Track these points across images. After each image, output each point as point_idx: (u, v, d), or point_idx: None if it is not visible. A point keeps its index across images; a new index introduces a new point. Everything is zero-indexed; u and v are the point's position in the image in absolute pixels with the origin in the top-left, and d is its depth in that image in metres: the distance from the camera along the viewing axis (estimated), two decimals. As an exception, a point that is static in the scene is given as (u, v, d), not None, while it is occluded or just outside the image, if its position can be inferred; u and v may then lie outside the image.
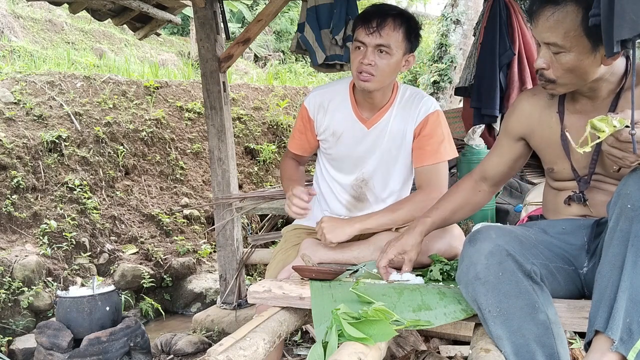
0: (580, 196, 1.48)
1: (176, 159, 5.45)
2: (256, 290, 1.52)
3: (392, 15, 1.72)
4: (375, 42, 1.71)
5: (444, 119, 1.88)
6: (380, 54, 1.73)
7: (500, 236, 1.30)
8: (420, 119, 1.84)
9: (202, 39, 3.43)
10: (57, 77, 5.33)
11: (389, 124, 1.87)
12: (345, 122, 1.89)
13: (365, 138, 1.88)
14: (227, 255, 3.67)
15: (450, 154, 1.87)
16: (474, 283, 1.27)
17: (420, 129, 1.85)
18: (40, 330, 2.82)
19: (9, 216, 4.11)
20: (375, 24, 1.71)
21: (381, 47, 1.72)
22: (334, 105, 1.91)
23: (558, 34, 1.31)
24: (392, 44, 1.72)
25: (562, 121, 1.49)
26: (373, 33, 1.71)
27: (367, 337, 1.16)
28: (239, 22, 11.23)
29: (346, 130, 1.89)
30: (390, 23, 1.72)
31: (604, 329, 1.14)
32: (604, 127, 1.12)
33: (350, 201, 1.96)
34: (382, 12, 1.73)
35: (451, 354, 2.44)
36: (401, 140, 1.87)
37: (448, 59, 9.02)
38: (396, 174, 1.92)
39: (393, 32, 1.72)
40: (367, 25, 1.71)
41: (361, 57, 1.74)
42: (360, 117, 1.88)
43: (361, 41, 1.73)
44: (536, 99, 1.57)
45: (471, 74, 3.66)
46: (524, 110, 1.59)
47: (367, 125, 1.88)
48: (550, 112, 1.53)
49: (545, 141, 1.55)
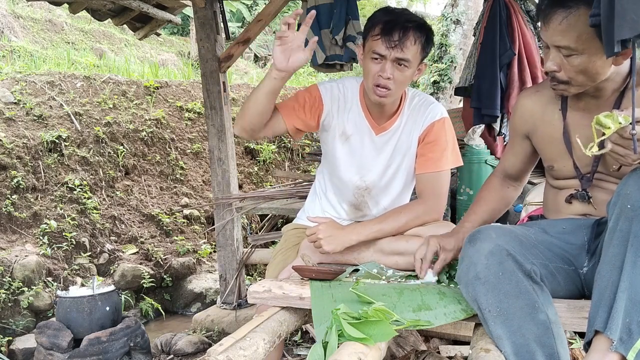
0: (583, 194, 1.48)
1: (176, 159, 5.45)
2: (256, 290, 1.52)
3: (413, 28, 1.65)
4: (395, 56, 1.65)
5: (449, 127, 1.85)
6: (398, 67, 1.67)
7: (500, 236, 1.30)
8: (426, 126, 1.82)
9: (202, 39, 3.43)
10: (57, 77, 5.33)
11: (397, 132, 1.85)
12: (356, 125, 1.85)
13: (374, 144, 1.86)
14: (227, 255, 3.67)
15: (452, 162, 1.84)
16: (474, 283, 1.27)
17: (424, 136, 1.83)
18: (40, 330, 2.82)
19: (9, 216, 4.11)
20: (397, 37, 1.63)
21: (400, 61, 1.66)
22: (345, 105, 1.86)
23: (571, 37, 1.30)
24: (411, 57, 1.67)
25: (565, 118, 1.50)
26: (395, 47, 1.64)
27: (367, 337, 1.16)
28: (239, 22, 11.23)
29: (355, 133, 1.85)
30: (412, 37, 1.65)
31: (604, 329, 1.14)
32: (609, 123, 1.11)
33: (349, 209, 1.95)
34: (404, 25, 1.65)
35: (451, 354, 2.44)
36: (407, 149, 1.85)
37: (448, 59, 9.02)
38: (399, 181, 1.90)
39: (413, 45, 1.66)
40: (389, 39, 1.64)
41: (379, 70, 1.67)
42: (371, 122, 1.85)
43: (380, 54, 1.66)
44: (538, 96, 1.58)
45: (471, 74, 3.65)
46: (527, 108, 1.60)
47: (377, 132, 1.85)
48: (553, 109, 1.53)
49: (547, 138, 1.55)
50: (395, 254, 1.72)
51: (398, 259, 1.71)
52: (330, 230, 1.72)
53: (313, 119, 1.85)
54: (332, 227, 1.74)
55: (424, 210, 1.78)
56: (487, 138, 3.50)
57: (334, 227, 1.75)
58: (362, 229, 1.75)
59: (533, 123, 1.58)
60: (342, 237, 1.72)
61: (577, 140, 1.24)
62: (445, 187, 1.85)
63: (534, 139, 1.61)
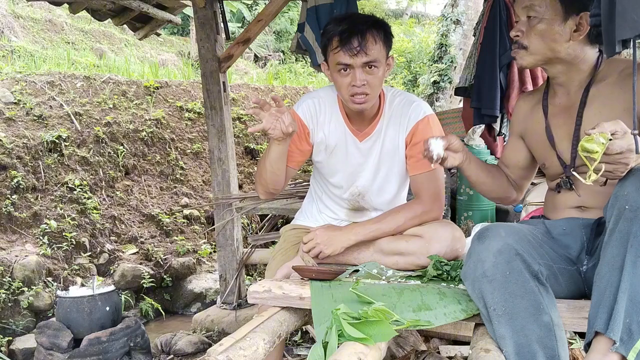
0: (566, 181, 1.52)
1: (176, 159, 5.45)
2: (256, 290, 1.52)
3: (369, 29, 1.64)
4: (362, 62, 1.64)
5: (435, 124, 1.82)
6: (369, 70, 1.66)
7: (509, 235, 1.30)
8: (411, 127, 1.80)
9: (202, 39, 3.43)
10: (57, 77, 5.33)
11: (381, 135, 1.83)
12: (338, 135, 1.84)
13: (359, 151, 1.85)
14: (227, 255, 3.67)
15: None
16: (481, 280, 1.28)
17: (411, 137, 1.81)
18: (40, 330, 2.82)
19: (9, 216, 4.11)
20: (357, 43, 1.62)
21: (369, 64, 1.65)
22: (324, 117, 1.85)
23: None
24: (377, 57, 1.66)
25: (547, 115, 1.57)
26: (358, 54, 1.63)
27: (367, 337, 1.16)
28: (239, 22, 11.23)
29: (339, 144, 1.84)
30: (371, 38, 1.64)
31: (605, 330, 1.14)
32: (595, 147, 1.14)
33: (347, 212, 1.95)
34: (359, 29, 1.63)
35: (451, 354, 2.44)
36: (394, 151, 1.84)
37: (448, 59, 9.02)
38: (392, 183, 1.89)
39: (375, 45, 1.65)
40: (349, 47, 1.62)
41: (350, 81, 1.66)
42: (352, 129, 1.83)
43: (346, 64, 1.65)
44: (530, 98, 1.68)
45: (471, 74, 3.65)
46: (521, 110, 1.70)
47: (360, 138, 1.83)
48: (538, 109, 1.61)
49: (536, 137, 1.61)
50: (395, 254, 1.71)
51: (398, 258, 1.71)
52: (327, 234, 1.72)
53: (307, 143, 1.87)
54: (329, 230, 1.75)
55: (422, 210, 1.78)
56: (487, 138, 3.50)
57: (330, 230, 1.75)
58: (360, 229, 1.75)
59: (525, 124, 1.67)
60: (340, 237, 1.72)
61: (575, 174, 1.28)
62: (441, 185, 1.83)
63: (526, 139, 1.68)
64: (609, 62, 1.47)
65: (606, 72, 1.46)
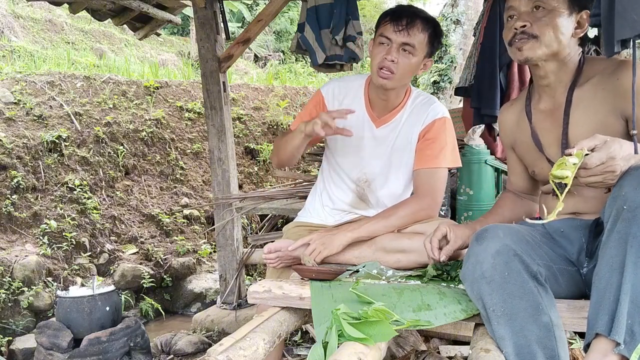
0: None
1: (176, 159, 5.45)
2: (256, 290, 1.52)
3: (421, 17, 1.75)
4: (401, 40, 1.73)
5: (450, 127, 1.88)
6: (403, 53, 1.74)
7: (507, 235, 1.30)
8: (427, 123, 1.86)
9: (202, 39, 3.43)
10: (57, 77, 5.33)
11: (398, 126, 1.88)
12: (357, 119, 1.88)
13: (374, 137, 1.89)
14: (227, 255, 3.67)
15: (450, 162, 1.85)
16: (479, 281, 1.27)
17: (425, 132, 1.86)
18: (40, 330, 2.82)
19: (9, 216, 4.11)
20: (405, 22, 1.72)
21: (406, 46, 1.73)
22: (348, 100, 1.92)
23: None
24: (417, 44, 1.74)
25: (531, 121, 1.55)
26: (402, 31, 1.72)
27: (367, 337, 1.16)
28: (239, 22, 11.23)
29: (355, 127, 1.87)
30: (419, 24, 1.74)
31: (607, 332, 1.13)
32: (565, 172, 1.15)
33: (353, 199, 1.97)
34: (413, 13, 1.75)
35: (451, 354, 2.44)
36: (407, 144, 1.88)
37: (448, 59, 9.03)
38: (399, 177, 1.92)
39: (420, 33, 1.74)
40: (397, 23, 1.73)
41: (385, 53, 1.74)
42: (372, 115, 1.89)
43: (387, 37, 1.74)
44: (513, 108, 1.66)
45: (471, 74, 3.65)
46: (506, 122, 1.68)
47: (377, 124, 1.89)
48: (523, 117, 1.59)
49: (524, 146, 1.60)
50: (398, 251, 1.71)
51: (400, 256, 1.71)
52: (323, 237, 1.73)
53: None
54: (324, 233, 1.76)
55: (419, 207, 1.79)
56: (487, 138, 3.50)
57: (325, 232, 1.77)
58: (356, 226, 1.77)
59: (512, 135, 1.65)
60: (337, 237, 1.73)
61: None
62: (442, 185, 1.86)
63: (516, 149, 1.66)
64: (589, 62, 1.46)
65: (588, 73, 1.45)
